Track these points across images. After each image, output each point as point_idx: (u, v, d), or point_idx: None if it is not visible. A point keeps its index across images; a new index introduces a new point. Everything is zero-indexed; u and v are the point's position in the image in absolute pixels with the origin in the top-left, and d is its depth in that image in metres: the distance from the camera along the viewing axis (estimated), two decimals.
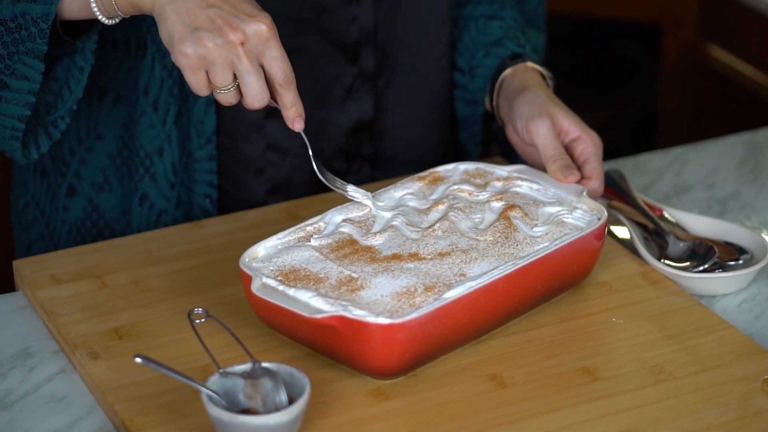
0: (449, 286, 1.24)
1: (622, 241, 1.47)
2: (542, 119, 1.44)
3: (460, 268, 1.27)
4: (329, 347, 1.24)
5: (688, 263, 1.41)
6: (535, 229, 1.33)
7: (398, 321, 1.19)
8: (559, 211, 1.36)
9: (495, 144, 1.66)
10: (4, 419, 1.23)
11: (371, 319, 1.19)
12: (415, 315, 1.20)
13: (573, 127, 1.44)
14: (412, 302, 1.23)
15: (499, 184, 1.41)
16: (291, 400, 1.16)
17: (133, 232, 1.55)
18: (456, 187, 1.40)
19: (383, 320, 1.19)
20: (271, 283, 1.26)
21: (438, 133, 1.65)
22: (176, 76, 1.50)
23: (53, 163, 1.57)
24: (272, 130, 1.54)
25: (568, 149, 1.44)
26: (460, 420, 1.20)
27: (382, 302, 1.23)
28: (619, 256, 1.43)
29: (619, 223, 1.49)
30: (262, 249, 1.31)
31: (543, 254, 1.28)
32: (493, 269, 1.26)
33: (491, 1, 1.63)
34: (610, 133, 1.49)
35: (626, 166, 1.66)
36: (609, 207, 1.50)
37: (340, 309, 1.21)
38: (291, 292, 1.25)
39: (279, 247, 1.31)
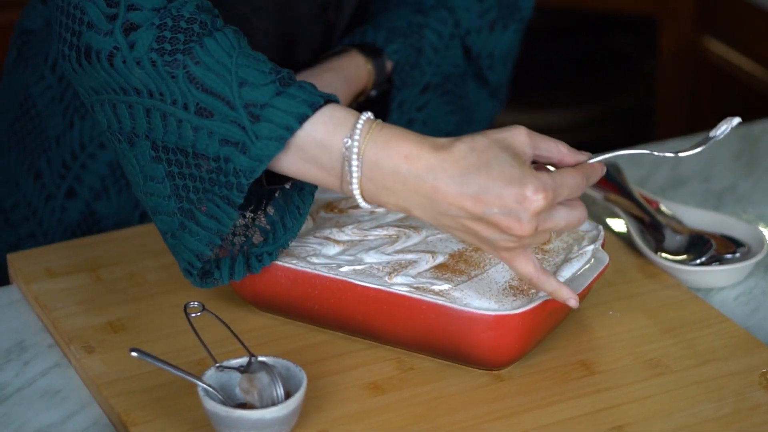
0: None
1: (618, 235, 1.47)
2: None
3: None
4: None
5: (684, 256, 1.41)
6: None
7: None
8: None
9: None
10: None
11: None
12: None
13: None
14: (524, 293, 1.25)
15: None
16: (287, 395, 1.16)
17: None
18: None
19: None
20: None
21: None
22: None
23: (49, 166, 1.55)
24: None
25: None
26: (457, 414, 1.19)
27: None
28: (616, 249, 1.43)
29: (615, 216, 1.49)
30: None
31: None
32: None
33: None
34: (606, 127, 1.48)
35: (622, 159, 1.66)
36: (606, 200, 1.50)
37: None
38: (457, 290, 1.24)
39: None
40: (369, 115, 1.17)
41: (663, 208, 1.49)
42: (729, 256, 1.42)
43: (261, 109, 1.17)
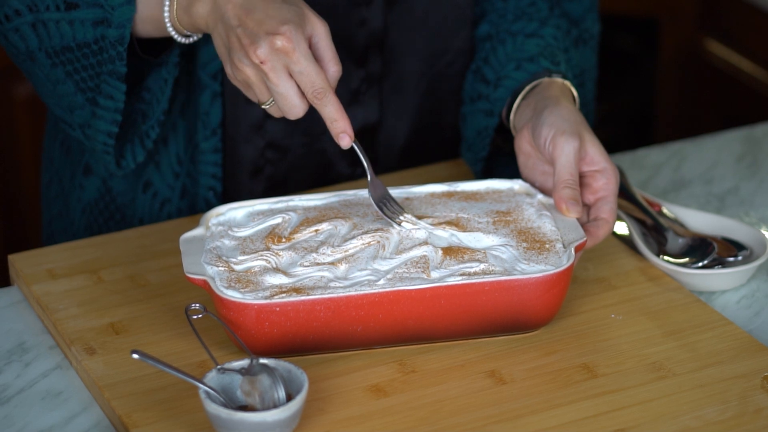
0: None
1: (620, 237, 1.46)
2: (572, 138, 1.34)
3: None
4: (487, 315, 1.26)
5: (687, 259, 1.41)
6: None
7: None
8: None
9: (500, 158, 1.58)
10: (0, 415, 1.23)
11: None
12: None
13: (599, 157, 1.35)
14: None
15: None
16: (289, 397, 1.15)
17: (138, 219, 1.55)
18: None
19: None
20: None
21: (441, 136, 1.62)
22: (183, 65, 1.49)
23: (77, 140, 1.57)
24: (272, 128, 1.53)
25: (585, 179, 1.36)
26: (459, 417, 1.19)
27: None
28: (618, 252, 1.43)
29: (618, 218, 1.49)
30: None
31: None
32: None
33: (530, 18, 1.54)
34: (607, 128, 1.47)
35: (624, 161, 1.66)
36: None
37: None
38: None
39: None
40: None
41: (665, 210, 1.48)
42: (731, 259, 1.41)
43: None
